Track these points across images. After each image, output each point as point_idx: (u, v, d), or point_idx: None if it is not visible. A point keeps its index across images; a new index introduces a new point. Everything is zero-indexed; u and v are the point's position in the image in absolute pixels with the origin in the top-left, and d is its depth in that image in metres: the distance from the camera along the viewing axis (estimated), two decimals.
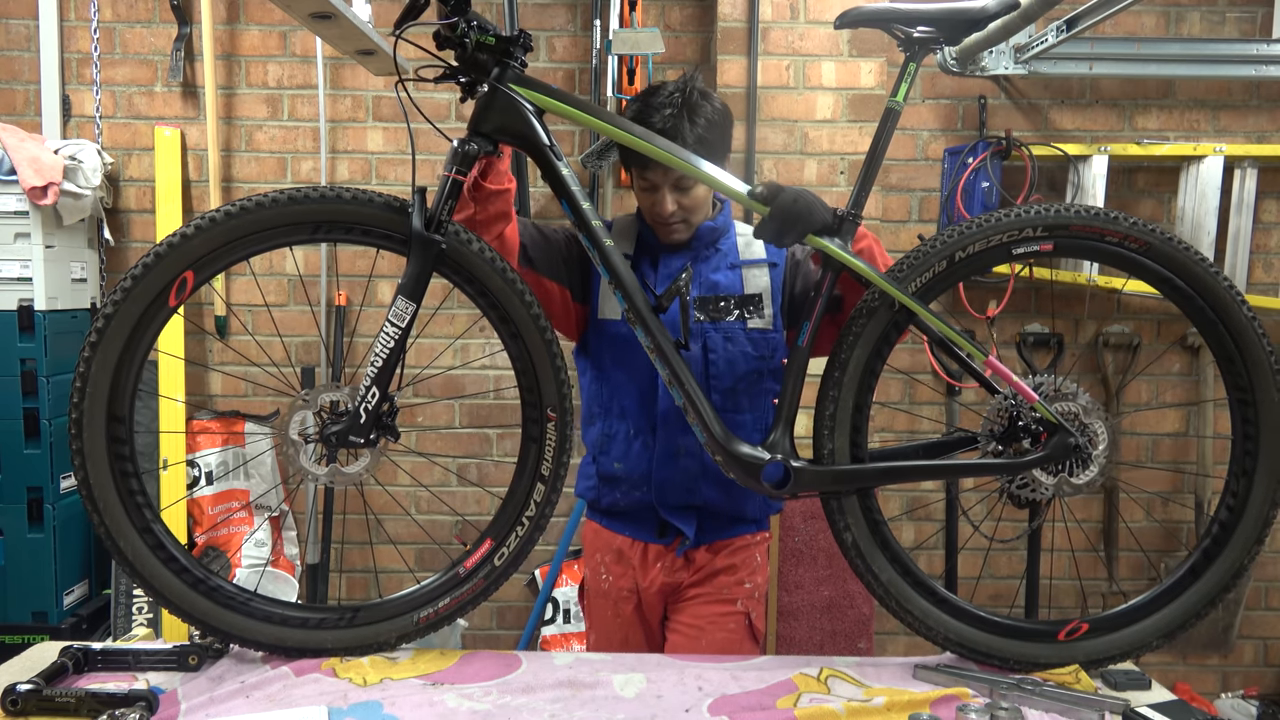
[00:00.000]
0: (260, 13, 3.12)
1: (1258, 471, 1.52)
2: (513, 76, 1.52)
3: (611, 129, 1.53)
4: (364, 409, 1.48)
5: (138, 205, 3.18)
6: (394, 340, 1.49)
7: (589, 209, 1.52)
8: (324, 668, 1.46)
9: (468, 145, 1.51)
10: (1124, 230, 1.53)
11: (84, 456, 1.39)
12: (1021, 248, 1.54)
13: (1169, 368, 3.17)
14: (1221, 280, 1.52)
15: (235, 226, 1.40)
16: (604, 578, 1.87)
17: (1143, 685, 1.46)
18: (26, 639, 2.69)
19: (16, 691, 1.28)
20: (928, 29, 1.50)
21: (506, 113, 1.52)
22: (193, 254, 1.39)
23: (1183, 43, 2.97)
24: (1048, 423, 1.49)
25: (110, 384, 1.39)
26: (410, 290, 1.49)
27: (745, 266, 1.79)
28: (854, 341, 1.53)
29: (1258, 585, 3.20)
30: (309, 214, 1.44)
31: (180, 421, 3.00)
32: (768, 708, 1.35)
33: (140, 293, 1.38)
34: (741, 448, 1.52)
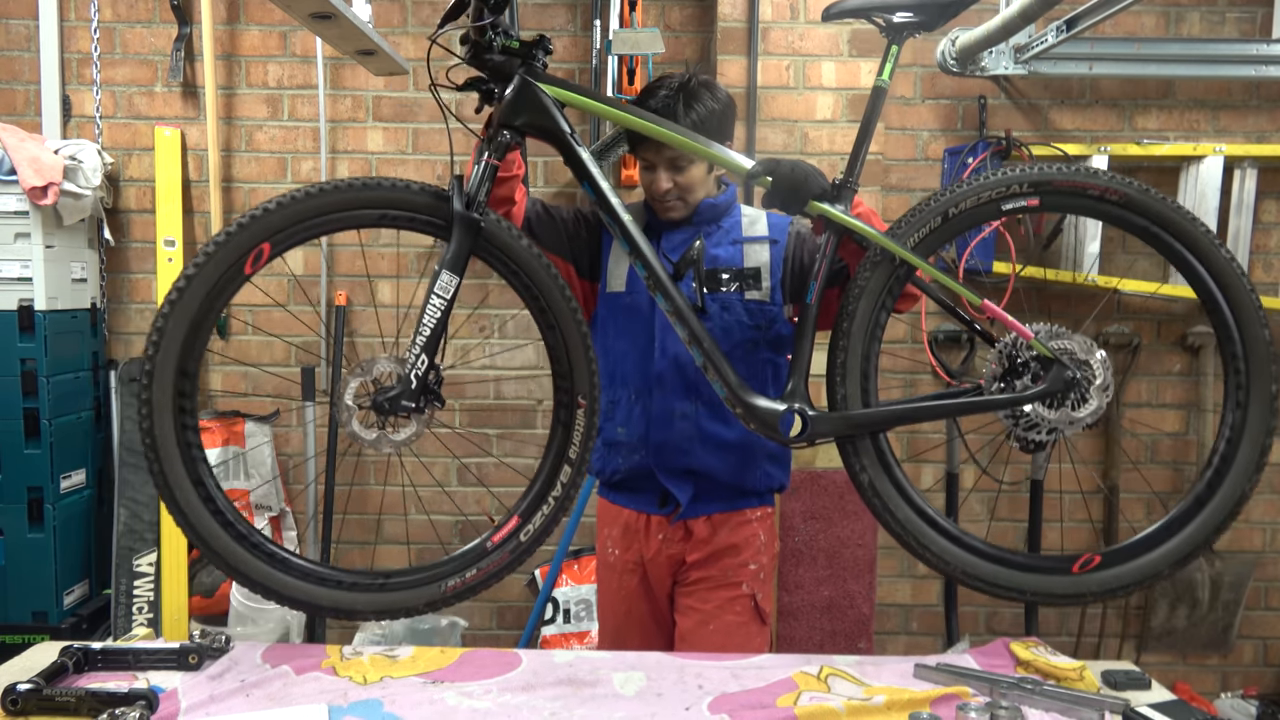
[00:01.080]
0: (260, 13, 3.12)
1: (1250, 403, 1.61)
2: (537, 74, 1.65)
3: (616, 113, 1.67)
4: (414, 375, 1.56)
5: (138, 205, 3.18)
6: (440, 311, 1.60)
7: (608, 187, 1.64)
8: (324, 666, 1.47)
9: (502, 136, 1.63)
10: (1103, 184, 1.62)
11: (151, 407, 1.47)
12: (1010, 203, 1.63)
13: (1169, 368, 3.17)
14: (1199, 226, 1.61)
15: (312, 206, 1.54)
16: (611, 552, 1.97)
17: (1143, 685, 1.46)
18: (26, 639, 2.69)
19: (16, 691, 1.28)
20: (906, 14, 1.60)
21: (533, 107, 1.64)
22: (272, 228, 1.52)
23: (1183, 43, 2.97)
24: (1045, 359, 1.59)
25: (183, 340, 1.50)
26: (453, 265, 1.60)
27: (746, 243, 1.89)
28: (859, 294, 1.62)
29: (1258, 585, 3.20)
30: (374, 200, 1.56)
31: None
32: (768, 706, 1.35)
33: (221, 257, 1.50)
34: (759, 400, 1.61)
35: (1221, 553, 3.12)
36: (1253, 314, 1.60)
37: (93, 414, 3.08)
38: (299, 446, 3.17)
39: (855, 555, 2.83)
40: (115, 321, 3.21)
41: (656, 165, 1.84)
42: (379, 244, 3.18)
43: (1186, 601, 3.11)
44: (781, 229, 1.92)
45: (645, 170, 1.87)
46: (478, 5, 1.61)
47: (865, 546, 2.84)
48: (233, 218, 3.03)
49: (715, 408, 1.84)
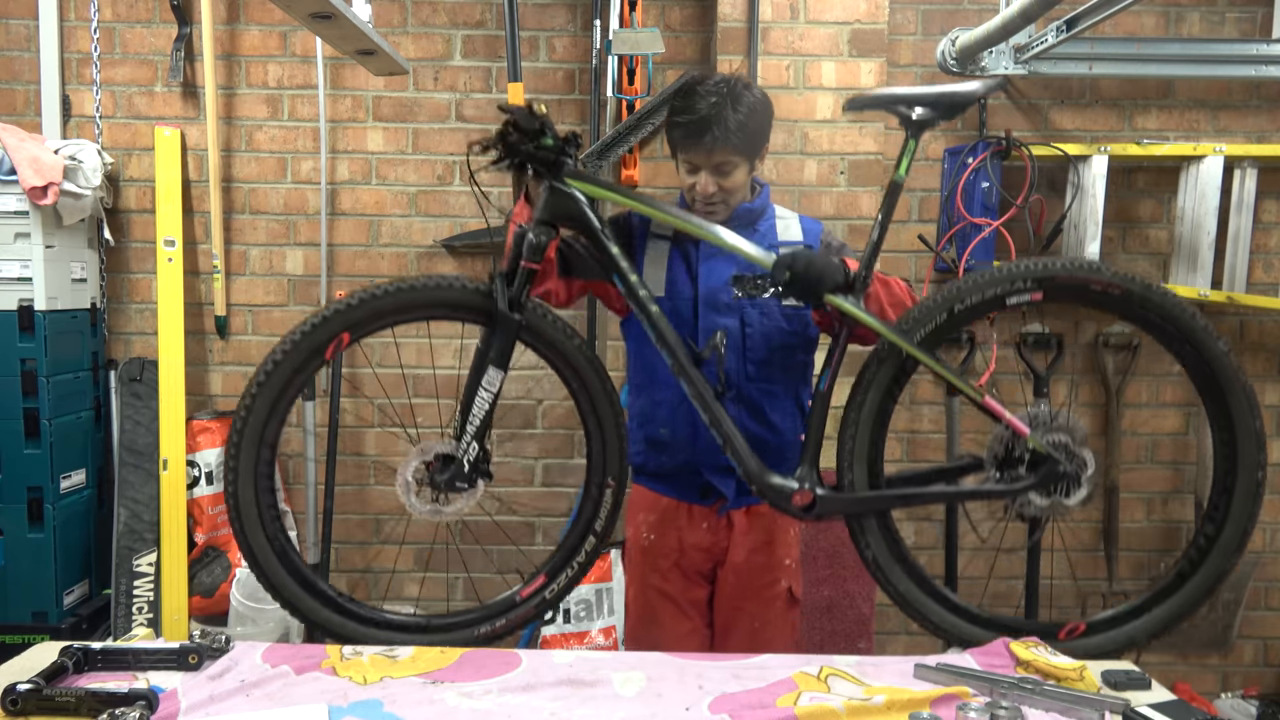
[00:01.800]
0: (260, 13, 3.12)
1: (1236, 488, 1.69)
2: (568, 172, 1.77)
3: (648, 209, 1.79)
4: (466, 460, 1.77)
5: (138, 205, 3.18)
6: (489, 405, 1.79)
7: (636, 280, 1.76)
8: (324, 666, 1.47)
9: (536, 237, 1.74)
10: (1106, 280, 1.73)
11: (238, 474, 1.66)
12: (1014, 298, 1.72)
13: (1169, 368, 3.17)
14: (1198, 320, 1.70)
15: (387, 304, 1.75)
16: (646, 537, 2.03)
17: (1143, 685, 1.46)
18: (26, 639, 2.69)
19: (16, 691, 1.28)
20: (925, 110, 1.69)
21: (565, 204, 1.77)
22: (352, 319, 1.73)
23: (1183, 43, 2.97)
24: (1039, 452, 1.69)
25: (266, 416, 1.68)
26: (498, 360, 1.78)
27: (783, 247, 1.91)
28: (868, 386, 1.74)
29: (1258, 585, 3.20)
30: (435, 300, 1.76)
31: (180, 421, 3.00)
32: (768, 706, 1.35)
33: (306, 345, 1.71)
34: (773, 479, 1.74)
35: None
36: (1246, 407, 1.69)
37: (93, 414, 3.08)
38: (299, 446, 3.17)
39: (855, 555, 2.82)
40: (115, 321, 3.21)
41: (702, 169, 1.85)
42: (379, 244, 3.18)
43: None
44: (814, 234, 1.98)
45: (689, 173, 1.88)
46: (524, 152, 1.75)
47: None
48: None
49: (756, 410, 1.93)
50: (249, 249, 3.18)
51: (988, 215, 2.89)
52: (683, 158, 1.88)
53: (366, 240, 3.18)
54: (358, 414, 3.21)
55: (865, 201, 2.84)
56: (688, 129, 1.82)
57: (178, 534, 2.97)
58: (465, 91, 3.15)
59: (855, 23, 2.80)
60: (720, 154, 1.82)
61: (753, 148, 1.87)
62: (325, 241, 3.15)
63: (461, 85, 3.15)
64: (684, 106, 1.84)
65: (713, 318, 1.92)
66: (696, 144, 1.82)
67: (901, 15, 3.05)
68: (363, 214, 3.18)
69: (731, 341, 1.87)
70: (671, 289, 1.95)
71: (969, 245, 2.88)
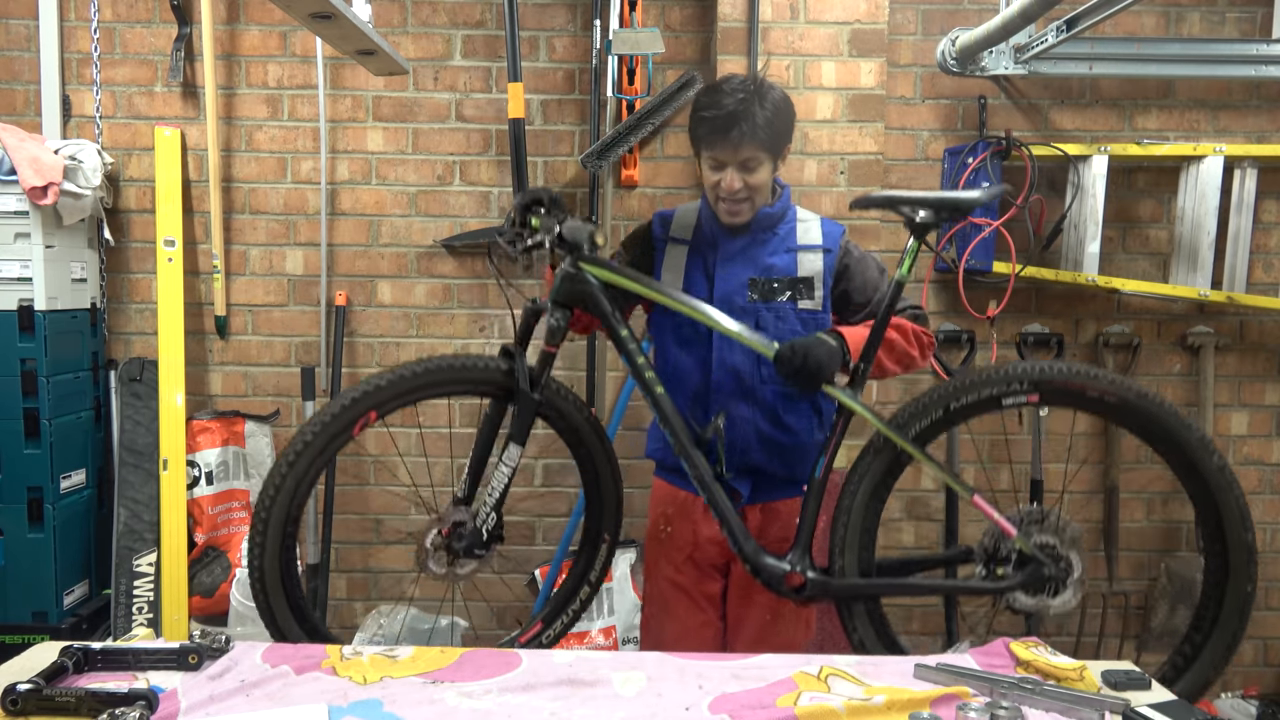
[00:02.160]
0: (260, 13, 3.12)
1: (1225, 600, 1.78)
2: (583, 257, 1.86)
3: (659, 296, 1.86)
4: (484, 529, 1.86)
5: (138, 205, 3.18)
6: (507, 477, 1.89)
7: (643, 362, 1.85)
8: (324, 666, 1.47)
9: (555, 320, 1.87)
10: (1103, 387, 1.76)
11: (264, 549, 1.74)
12: (1010, 400, 1.79)
13: (1169, 368, 3.17)
14: (1193, 432, 1.75)
15: (412, 383, 1.82)
16: (664, 529, 2.08)
17: (1143, 685, 1.46)
18: (26, 639, 2.69)
19: (16, 691, 1.28)
20: (928, 213, 1.76)
21: (580, 289, 1.87)
22: (380, 398, 1.81)
23: (1183, 43, 2.97)
24: (1025, 553, 1.73)
25: (294, 490, 1.76)
26: (518, 437, 1.88)
27: (801, 251, 1.95)
28: (861, 477, 1.81)
29: (1258, 586, 3.19)
30: (458, 378, 1.85)
31: (180, 421, 3.00)
32: (768, 706, 1.35)
33: (335, 426, 1.78)
34: (767, 559, 1.80)
35: None
36: (1239, 519, 1.74)
37: (93, 414, 3.08)
38: None
39: None
40: (115, 321, 3.21)
41: (728, 165, 1.85)
42: (379, 244, 3.18)
43: (1186, 601, 3.11)
44: (835, 238, 1.98)
45: (714, 170, 1.88)
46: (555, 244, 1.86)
47: None
48: None
49: (771, 412, 1.95)
50: (249, 249, 3.18)
51: (988, 215, 2.89)
52: (707, 154, 1.88)
53: (366, 240, 3.18)
54: None
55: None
56: (714, 124, 1.83)
57: (178, 534, 2.97)
58: (465, 91, 3.15)
59: (855, 23, 2.80)
60: (747, 150, 1.83)
61: (777, 145, 1.88)
62: (325, 241, 3.15)
63: (461, 85, 3.15)
64: (710, 102, 1.84)
65: None
66: (723, 139, 1.82)
67: (901, 15, 3.05)
68: (363, 214, 3.18)
69: (746, 346, 1.89)
70: (689, 293, 1.95)
71: (969, 245, 2.88)
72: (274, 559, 1.73)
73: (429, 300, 3.18)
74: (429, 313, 3.19)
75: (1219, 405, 3.15)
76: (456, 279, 3.18)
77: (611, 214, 3.09)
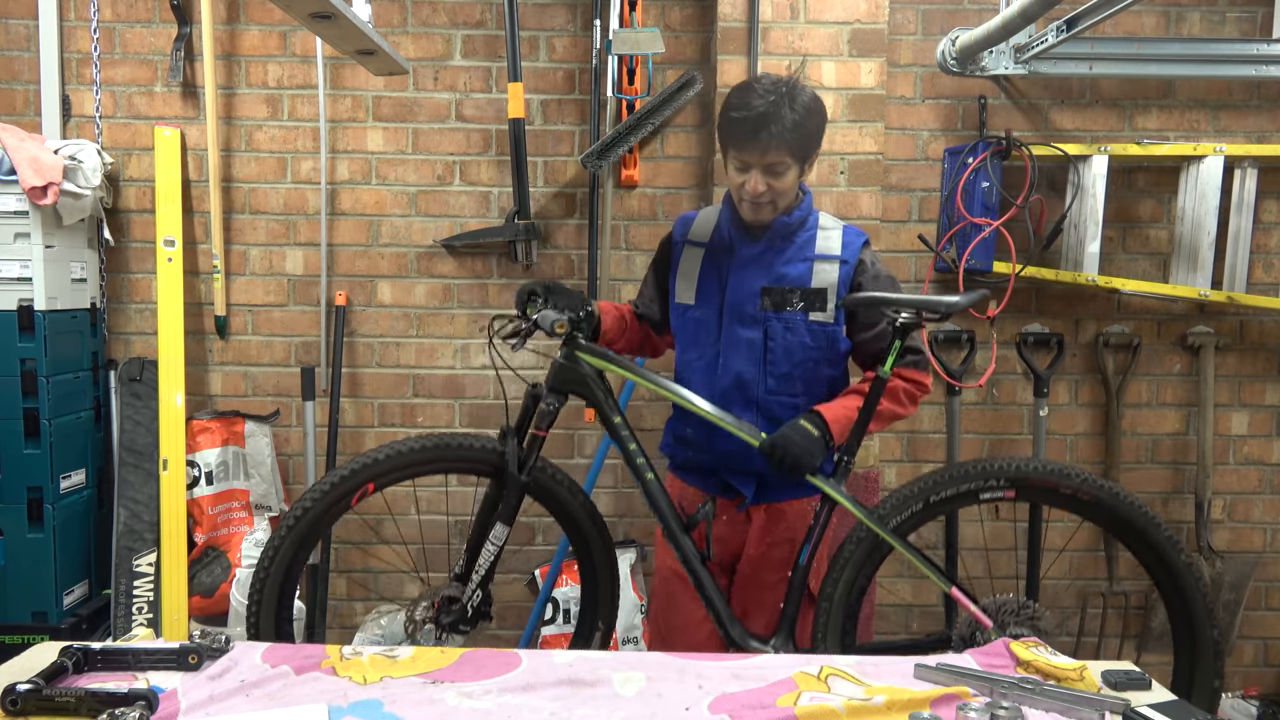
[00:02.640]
0: (260, 13, 3.12)
1: (1193, 694, 1.79)
2: (578, 345, 1.95)
3: (647, 383, 1.94)
4: (470, 605, 1.95)
5: (138, 205, 3.18)
6: (494, 556, 1.96)
7: (635, 449, 1.94)
8: (324, 666, 1.46)
9: (548, 405, 1.94)
10: (1076, 484, 1.86)
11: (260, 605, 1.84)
12: (987, 494, 1.88)
13: (1169, 368, 3.17)
14: (1163, 530, 1.83)
15: (411, 459, 1.92)
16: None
17: (1143, 685, 1.46)
18: (26, 639, 2.69)
19: (16, 691, 1.28)
20: (910, 315, 1.84)
21: (575, 375, 1.95)
22: (378, 470, 1.91)
23: (1183, 43, 2.97)
24: None
25: (293, 555, 1.88)
26: (505, 518, 1.95)
27: (818, 260, 1.95)
28: (844, 564, 1.89)
29: (1258, 585, 3.20)
30: (452, 456, 1.94)
31: (180, 421, 3.00)
32: (768, 706, 1.34)
33: (334, 495, 1.90)
34: (751, 643, 1.88)
35: (1222, 553, 3.12)
36: (1204, 615, 1.80)
37: (92, 414, 3.08)
38: (299, 446, 3.17)
39: None
40: (115, 321, 3.21)
41: (753, 167, 1.84)
42: (379, 244, 3.18)
43: None
44: (854, 249, 1.96)
45: (739, 170, 1.87)
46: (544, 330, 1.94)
47: None
48: None
49: (775, 422, 1.95)
50: (249, 249, 3.18)
51: (988, 215, 2.89)
52: (734, 155, 1.86)
53: (366, 240, 3.18)
54: (358, 414, 3.21)
55: (865, 201, 2.84)
56: (742, 125, 1.81)
57: (178, 534, 2.97)
58: (465, 91, 3.15)
59: (855, 23, 2.80)
60: (774, 154, 1.81)
61: (806, 150, 1.87)
62: (325, 241, 3.15)
63: (461, 85, 3.15)
64: (740, 102, 1.82)
65: (736, 329, 1.94)
66: (751, 141, 1.80)
67: (901, 15, 3.05)
68: (363, 214, 3.18)
69: (753, 353, 1.93)
70: (701, 297, 1.98)
71: (969, 245, 2.88)
72: (269, 615, 1.83)
73: (429, 300, 3.18)
74: (429, 313, 3.19)
75: (1219, 405, 3.15)
76: (456, 279, 3.18)
77: (611, 214, 3.09)
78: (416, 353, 3.19)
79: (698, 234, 2.02)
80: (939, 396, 3.15)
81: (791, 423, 1.87)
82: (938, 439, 3.15)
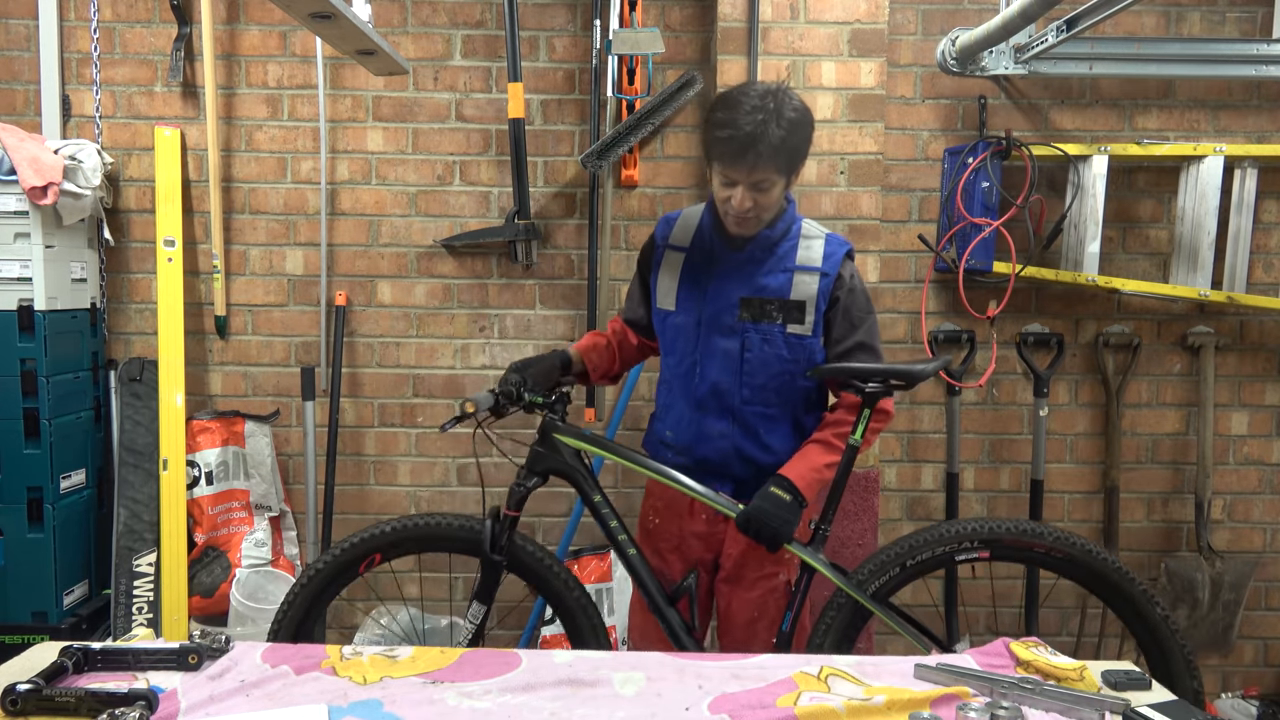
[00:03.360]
0: (260, 13, 3.12)
1: None
2: (555, 428, 2.00)
3: (628, 463, 1.99)
4: None
5: (138, 205, 3.18)
6: (473, 633, 2.02)
7: (616, 525, 1.99)
8: (324, 666, 1.47)
9: (521, 488, 2.00)
10: (1049, 544, 1.91)
11: None
12: (962, 556, 1.93)
13: (1169, 368, 3.17)
14: (1136, 585, 1.88)
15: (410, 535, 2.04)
16: (652, 520, 2.13)
17: (1143, 685, 1.46)
18: (26, 639, 2.69)
19: (16, 691, 1.28)
20: (877, 385, 1.89)
21: (554, 456, 2.01)
22: (385, 541, 2.02)
23: (1183, 43, 2.97)
24: None
25: (302, 616, 1.98)
26: (481, 596, 2.02)
27: (798, 271, 1.94)
28: (826, 630, 1.93)
29: (1258, 585, 3.20)
30: (443, 535, 2.04)
31: (180, 421, 3.00)
32: (768, 706, 1.35)
33: (344, 560, 2.01)
34: None
35: (1222, 553, 3.12)
36: (1183, 667, 1.84)
37: (92, 414, 3.08)
38: (299, 446, 3.17)
39: (855, 555, 2.83)
40: (115, 321, 3.21)
41: (740, 184, 1.82)
42: (379, 244, 3.18)
43: (1187, 601, 3.11)
44: (835, 261, 1.95)
45: (725, 185, 1.85)
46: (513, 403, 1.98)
47: (865, 546, 2.84)
48: None
49: (750, 431, 1.98)
50: (249, 249, 3.18)
51: (988, 215, 2.89)
52: (720, 170, 1.84)
53: (366, 240, 3.18)
54: (358, 414, 3.21)
55: (865, 201, 2.84)
56: (729, 145, 1.78)
57: (178, 534, 2.97)
58: (465, 91, 3.15)
59: (855, 23, 2.80)
60: (761, 172, 1.79)
61: (792, 165, 1.85)
62: (325, 241, 3.15)
63: (461, 85, 3.15)
64: (727, 120, 1.78)
65: (714, 338, 1.94)
66: (739, 161, 1.78)
67: (901, 15, 3.05)
68: (363, 214, 3.18)
69: (730, 363, 1.94)
70: (681, 303, 1.98)
71: (969, 245, 2.88)
72: None
73: (429, 300, 3.18)
74: (429, 313, 3.19)
75: (1219, 405, 3.15)
76: (456, 279, 3.18)
77: (611, 214, 3.09)
78: (416, 353, 3.19)
79: (679, 238, 2.02)
80: (939, 396, 3.15)
81: (762, 493, 1.90)
82: (938, 439, 3.15)
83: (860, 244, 2.83)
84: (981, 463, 3.18)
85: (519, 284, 3.15)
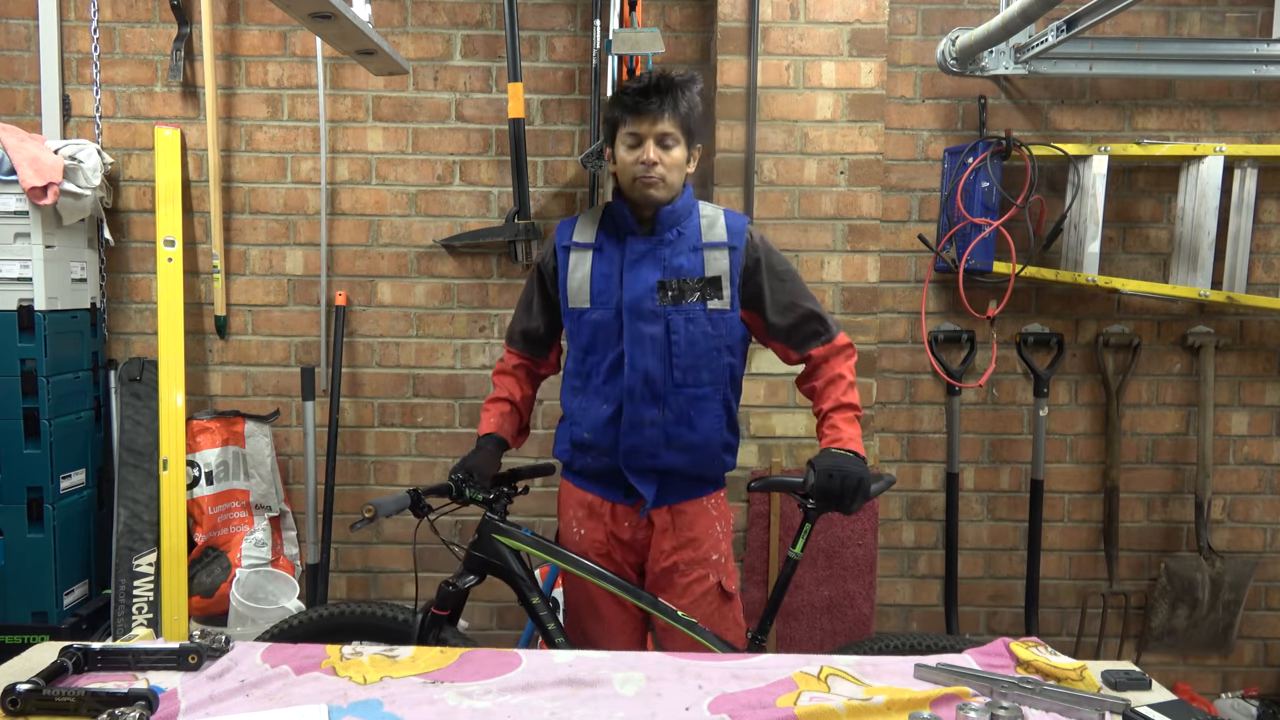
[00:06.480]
0: (260, 13, 3.12)
1: None
2: (495, 528, 2.02)
3: (565, 565, 1.99)
4: None
5: (138, 205, 3.18)
6: None
7: (554, 628, 2.00)
8: (323, 666, 1.47)
9: (451, 587, 1.98)
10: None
11: None
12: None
13: (1169, 368, 3.17)
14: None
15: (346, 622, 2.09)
16: (576, 530, 2.08)
17: (1143, 685, 1.46)
18: (26, 639, 2.69)
19: (16, 691, 1.28)
20: (814, 502, 1.92)
21: (492, 554, 2.02)
22: (317, 629, 2.06)
23: (1183, 43, 2.97)
24: None
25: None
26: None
27: (707, 249, 1.96)
28: None
29: (1258, 585, 3.20)
30: (356, 620, 2.08)
31: (180, 421, 3.00)
32: (768, 706, 1.35)
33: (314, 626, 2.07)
34: None
35: (1222, 553, 3.12)
36: None
37: (92, 414, 3.08)
38: (299, 446, 3.17)
39: (855, 555, 2.83)
40: (115, 321, 3.21)
41: (646, 137, 1.88)
42: (379, 244, 3.18)
43: (1187, 601, 3.11)
44: (739, 233, 1.99)
45: (630, 148, 1.90)
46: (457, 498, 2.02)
47: (865, 546, 2.84)
48: (229, 220, 3.06)
49: (680, 414, 1.97)
50: (249, 249, 3.18)
51: (988, 215, 2.89)
52: (626, 130, 1.90)
53: (366, 240, 3.18)
54: (358, 414, 3.21)
55: (865, 201, 2.84)
56: (635, 95, 1.88)
57: (178, 534, 2.97)
58: (465, 91, 3.15)
59: (855, 23, 2.80)
60: (666, 123, 1.87)
61: (690, 131, 1.92)
62: (325, 241, 3.15)
63: (461, 85, 3.15)
64: (632, 82, 1.92)
65: (639, 326, 1.94)
66: (643, 109, 1.86)
67: (901, 15, 3.05)
68: (363, 214, 3.18)
69: (657, 349, 1.93)
70: (596, 298, 1.97)
71: (969, 245, 2.88)
72: None
73: (429, 300, 3.19)
74: (429, 312, 3.19)
75: (1219, 405, 3.15)
76: (456, 279, 3.18)
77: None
78: (416, 353, 3.19)
79: (582, 236, 2.01)
80: (939, 396, 3.15)
81: (822, 454, 1.90)
82: (938, 439, 3.16)
83: (860, 244, 2.84)
84: (981, 463, 3.18)
85: (519, 284, 3.15)
